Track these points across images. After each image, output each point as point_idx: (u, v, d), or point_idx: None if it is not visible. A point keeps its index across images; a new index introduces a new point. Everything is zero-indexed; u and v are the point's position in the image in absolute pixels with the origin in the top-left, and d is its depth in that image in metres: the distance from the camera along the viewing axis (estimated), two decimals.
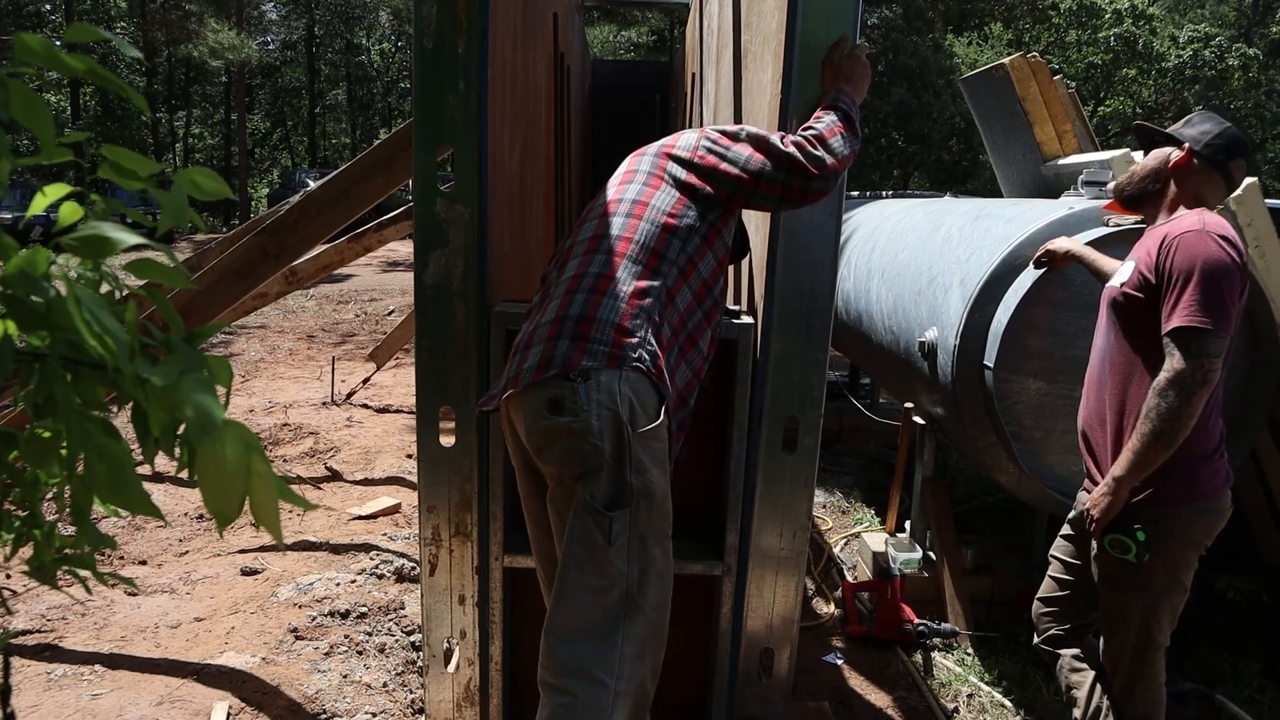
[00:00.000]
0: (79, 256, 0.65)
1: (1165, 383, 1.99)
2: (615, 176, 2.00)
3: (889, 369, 4.05)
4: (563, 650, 1.66)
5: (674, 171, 1.90)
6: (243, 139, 28.70)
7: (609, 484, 1.66)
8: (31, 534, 0.86)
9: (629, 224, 1.83)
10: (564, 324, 1.72)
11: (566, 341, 1.69)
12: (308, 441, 5.71)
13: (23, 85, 0.60)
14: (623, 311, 1.72)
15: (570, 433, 1.65)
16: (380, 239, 5.44)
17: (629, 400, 1.66)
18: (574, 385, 1.65)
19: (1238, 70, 22.78)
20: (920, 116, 19.53)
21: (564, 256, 1.91)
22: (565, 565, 1.68)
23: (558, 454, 1.68)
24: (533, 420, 1.70)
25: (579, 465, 1.66)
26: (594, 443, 1.64)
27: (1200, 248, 1.98)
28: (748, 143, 1.89)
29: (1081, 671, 2.34)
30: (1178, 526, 2.10)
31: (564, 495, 1.71)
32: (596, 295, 1.74)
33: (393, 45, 36.61)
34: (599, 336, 1.69)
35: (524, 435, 1.76)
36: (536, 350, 1.72)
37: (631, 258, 1.79)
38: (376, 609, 3.37)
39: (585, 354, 1.67)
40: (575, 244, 1.89)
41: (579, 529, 1.66)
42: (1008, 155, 4.51)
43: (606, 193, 1.96)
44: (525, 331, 1.83)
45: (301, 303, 11.89)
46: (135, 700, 2.70)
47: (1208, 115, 2.21)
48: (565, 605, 1.68)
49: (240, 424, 0.62)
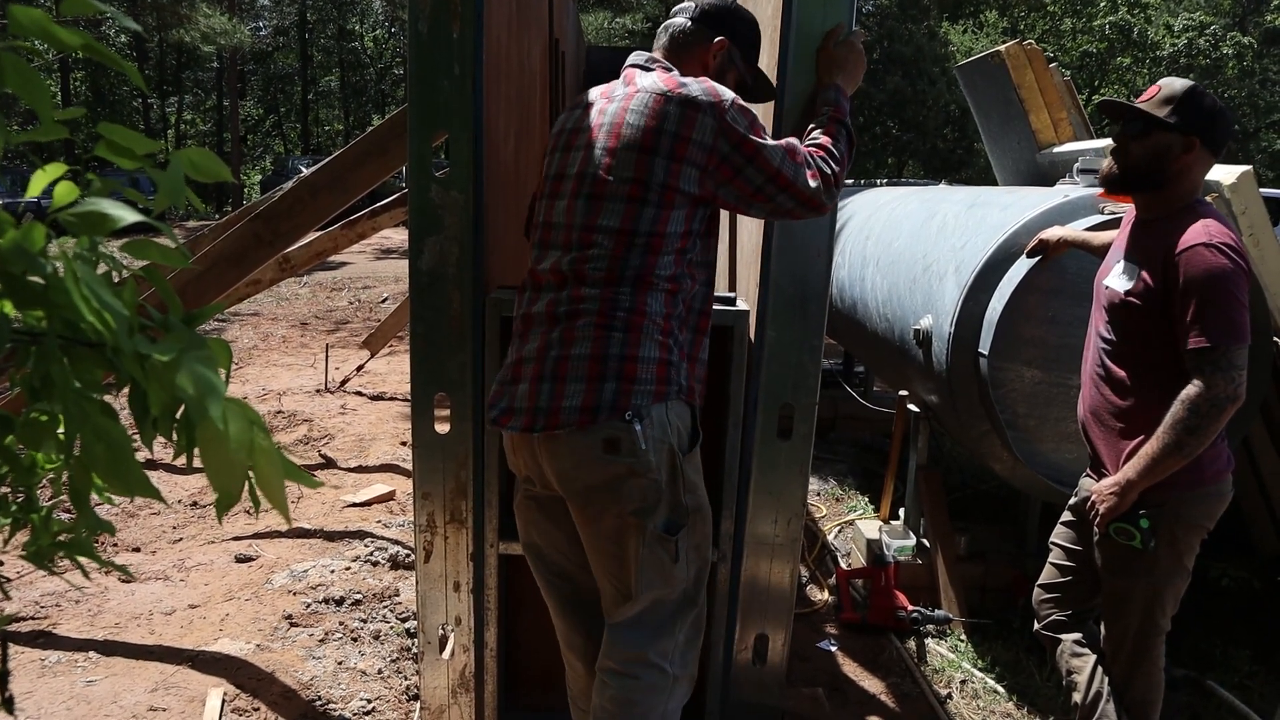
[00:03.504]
0: (78, 233, 0.64)
1: (1198, 398, 1.98)
2: (602, 115, 1.82)
3: (884, 357, 4.05)
4: (627, 642, 1.80)
5: (683, 181, 1.75)
6: (235, 125, 28.52)
7: (668, 511, 1.75)
8: (29, 518, 0.86)
9: (622, 218, 1.74)
10: (606, 363, 1.70)
11: (613, 383, 1.69)
12: (302, 429, 5.70)
13: (19, 59, 0.59)
14: (660, 342, 1.74)
15: (631, 473, 1.70)
16: (374, 226, 5.42)
17: (677, 428, 1.75)
18: (630, 425, 1.68)
19: (1232, 59, 22.79)
20: (915, 104, 19.50)
21: (564, 235, 1.80)
22: (638, 589, 1.78)
23: (616, 493, 1.72)
24: (581, 461, 1.72)
25: (639, 502, 1.72)
26: (653, 479, 1.72)
27: (1212, 261, 1.97)
28: (769, 161, 1.77)
29: (1082, 656, 2.35)
30: (1182, 511, 2.11)
31: (618, 528, 1.76)
32: (634, 333, 1.72)
33: (386, 31, 36.39)
34: (645, 376, 1.71)
35: (565, 473, 1.75)
36: (576, 387, 1.69)
37: (635, 272, 1.74)
38: (371, 596, 3.37)
39: (634, 393, 1.69)
40: (572, 224, 1.78)
41: (649, 558, 1.76)
42: (1003, 143, 4.50)
43: (595, 145, 1.79)
44: (537, 342, 1.77)
45: (295, 290, 11.85)
46: (130, 687, 2.70)
47: (1186, 91, 2.08)
48: (636, 613, 1.80)
49: (242, 401, 0.61)
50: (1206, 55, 22.58)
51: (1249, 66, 23.28)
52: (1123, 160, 2.16)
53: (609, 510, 1.74)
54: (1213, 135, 2.08)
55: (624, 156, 1.74)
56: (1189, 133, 2.07)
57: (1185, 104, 2.07)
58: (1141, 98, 2.17)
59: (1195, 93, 2.08)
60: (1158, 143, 2.10)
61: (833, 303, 4.51)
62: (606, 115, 1.80)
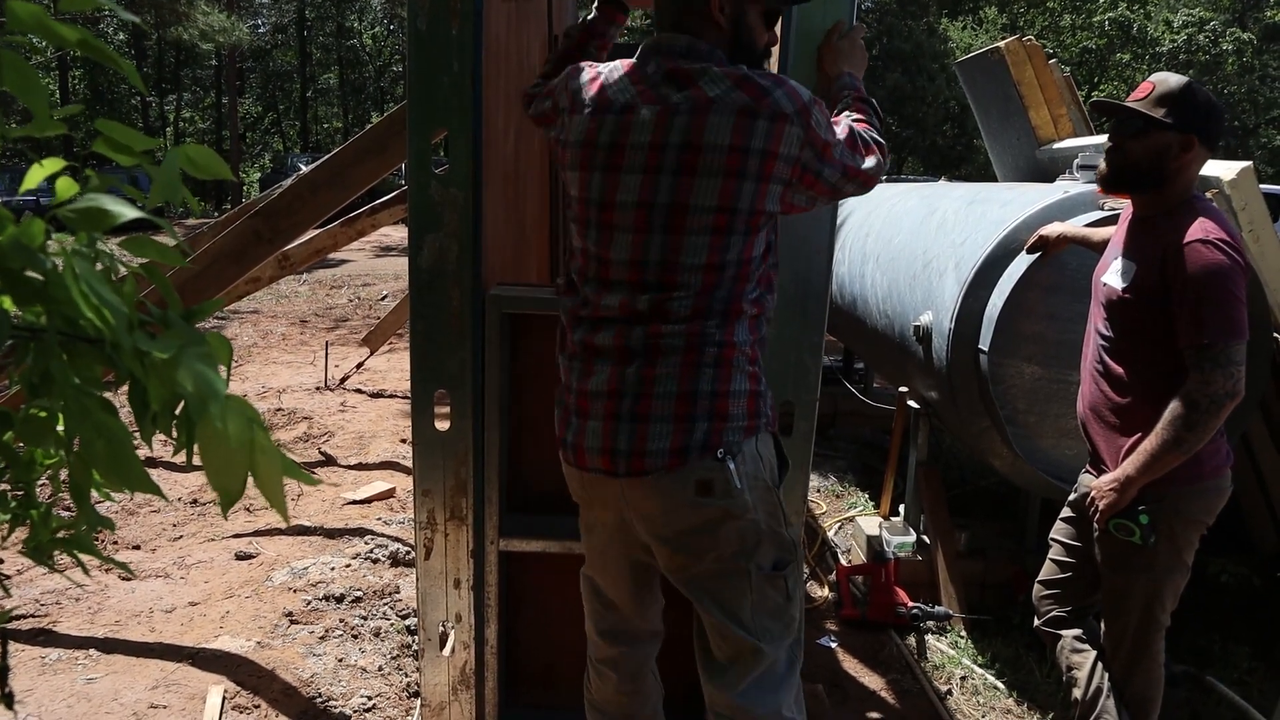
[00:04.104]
0: (77, 228, 0.64)
1: (1197, 395, 1.98)
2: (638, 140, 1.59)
3: (884, 353, 4.05)
4: (758, 703, 1.69)
5: (769, 201, 1.60)
6: (234, 123, 28.51)
7: (774, 549, 1.66)
8: (28, 515, 0.86)
9: (709, 253, 1.58)
10: (696, 401, 1.58)
11: (705, 422, 1.58)
12: (301, 427, 5.70)
13: (16, 56, 0.59)
14: (749, 373, 1.63)
15: (728, 516, 1.60)
16: (373, 223, 5.42)
17: (769, 461, 1.66)
18: (723, 464, 1.57)
19: (1232, 55, 22.78)
20: (914, 101, 19.50)
21: (633, 273, 1.61)
22: (757, 638, 1.66)
23: (712, 537, 1.62)
24: (672, 506, 1.61)
25: (737, 544, 1.62)
26: (751, 519, 1.61)
27: (1209, 258, 1.97)
28: (840, 156, 1.66)
29: (1082, 652, 2.35)
30: (1181, 506, 2.12)
31: (717, 572, 1.66)
32: (724, 368, 1.60)
33: (385, 28, 36.37)
34: (736, 412, 1.60)
35: (654, 519, 1.65)
36: (663, 428, 1.58)
37: (724, 304, 1.62)
38: (371, 593, 3.37)
39: (726, 430, 1.59)
40: (643, 261, 1.60)
41: (761, 603, 1.66)
42: (1003, 139, 4.50)
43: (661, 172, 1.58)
44: (606, 377, 1.63)
45: (294, 287, 11.85)
46: (130, 684, 2.70)
47: (1182, 89, 2.07)
48: (758, 672, 1.69)
49: (242, 399, 0.61)
50: (1206, 51, 22.58)
51: (1248, 62, 23.28)
52: (1120, 160, 2.14)
53: (705, 555, 1.64)
54: (1209, 131, 2.08)
55: (705, 184, 1.55)
56: (1187, 131, 2.06)
57: (1182, 102, 2.06)
58: (1134, 95, 2.15)
59: (1190, 90, 2.07)
60: (1156, 142, 2.08)
61: (833, 299, 4.50)
62: (672, 132, 1.56)
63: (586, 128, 1.64)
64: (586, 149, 1.64)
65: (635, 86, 1.62)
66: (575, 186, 1.67)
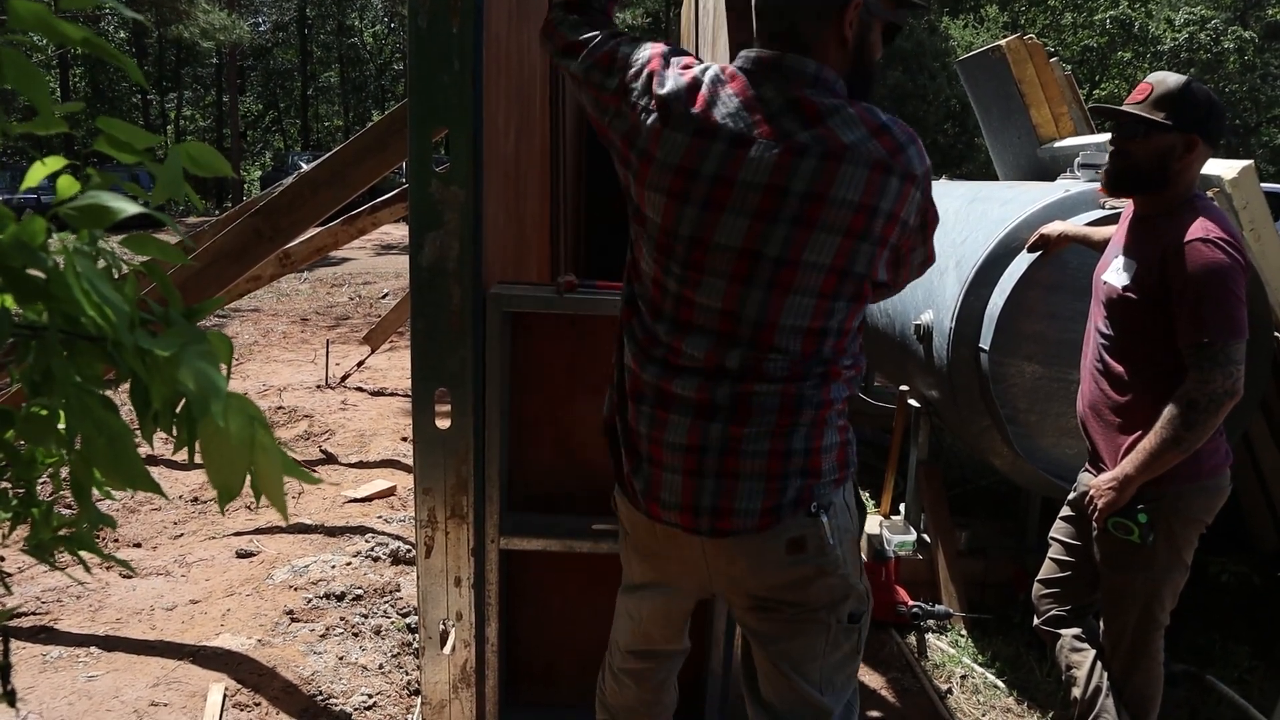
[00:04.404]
0: (78, 227, 0.64)
1: (1196, 393, 1.98)
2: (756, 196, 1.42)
3: (884, 352, 4.05)
4: None
5: (880, 268, 1.51)
6: (235, 121, 28.51)
7: (854, 600, 1.60)
8: (29, 513, 0.86)
9: (813, 317, 1.47)
10: (789, 460, 1.49)
11: (798, 480, 1.50)
12: (302, 425, 5.70)
13: (18, 53, 0.59)
14: (840, 426, 1.56)
15: (821, 573, 1.54)
16: (374, 221, 5.41)
17: (854, 512, 1.61)
18: (816, 519, 1.51)
19: (1233, 53, 22.76)
20: (915, 99, 19.49)
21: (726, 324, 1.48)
22: (820, 692, 1.61)
23: (801, 593, 1.56)
24: (761, 565, 1.54)
25: (825, 599, 1.57)
26: (842, 574, 1.56)
27: (1209, 257, 1.97)
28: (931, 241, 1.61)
29: (1082, 651, 2.36)
30: (1180, 504, 2.12)
31: (794, 619, 1.59)
32: (819, 426, 1.51)
33: (385, 27, 36.38)
34: (828, 467, 1.54)
35: (738, 578, 1.58)
36: (754, 486, 1.49)
37: (824, 368, 1.52)
38: (372, 591, 3.37)
39: (818, 486, 1.52)
40: (738, 314, 1.47)
41: (835, 657, 1.61)
42: (1004, 138, 4.49)
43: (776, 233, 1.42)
44: (685, 429, 1.51)
45: (295, 286, 11.85)
46: (131, 682, 2.71)
47: (1181, 88, 2.06)
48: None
49: (243, 397, 0.61)
50: (1207, 50, 22.56)
51: (1250, 61, 23.26)
52: (1124, 163, 2.15)
53: (788, 609, 1.58)
54: (1210, 130, 2.08)
55: (822, 240, 1.40)
56: (1189, 131, 2.06)
57: (1182, 102, 2.06)
58: (1133, 96, 2.15)
59: (1190, 89, 2.07)
60: (1159, 144, 2.08)
61: None
62: (795, 178, 1.38)
63: (685, 151, 1.43)
64: (682, 176, 1.44)
65: (751, 115, 1.42)
66: (658, 212, 1.48)
